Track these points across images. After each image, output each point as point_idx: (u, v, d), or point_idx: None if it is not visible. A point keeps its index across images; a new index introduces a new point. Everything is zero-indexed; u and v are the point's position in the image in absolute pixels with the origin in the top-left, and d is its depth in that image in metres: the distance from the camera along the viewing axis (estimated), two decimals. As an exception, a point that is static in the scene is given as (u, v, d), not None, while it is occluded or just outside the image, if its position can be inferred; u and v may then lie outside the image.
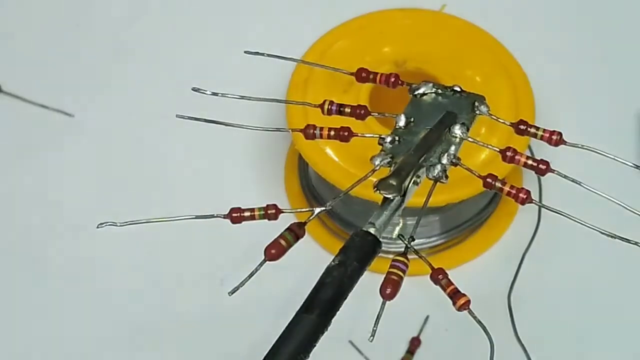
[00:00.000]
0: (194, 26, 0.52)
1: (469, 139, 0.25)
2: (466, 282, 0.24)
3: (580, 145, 0.25)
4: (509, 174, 0.36)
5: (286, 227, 0.23)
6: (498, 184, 0.24)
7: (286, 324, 0.21)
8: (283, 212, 0.24)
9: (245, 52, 0.31)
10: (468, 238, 0.43)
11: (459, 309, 0.22)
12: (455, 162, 0.25)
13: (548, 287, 0.41)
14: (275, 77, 0.39)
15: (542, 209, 0.38)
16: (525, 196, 0.24)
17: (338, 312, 0.21)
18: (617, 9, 0.51)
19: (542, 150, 0.37)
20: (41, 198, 0.44)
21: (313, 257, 0.39)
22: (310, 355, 0.20)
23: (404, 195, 0.23)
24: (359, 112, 0.27)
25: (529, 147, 0.41)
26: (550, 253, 0.42)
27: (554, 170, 0.24)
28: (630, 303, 0.41)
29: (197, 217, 0.24)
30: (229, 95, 0.27)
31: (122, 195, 0.44)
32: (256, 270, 0.23)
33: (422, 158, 0.24)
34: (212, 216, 0.24)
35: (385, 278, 0.22)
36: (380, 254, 0.22)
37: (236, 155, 0.46)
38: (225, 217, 0.24)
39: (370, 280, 0.23)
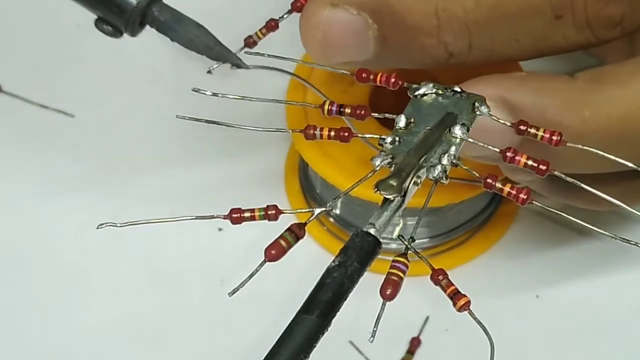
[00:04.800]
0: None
1: (470, 140, 0.25)
2: (466, 282, 0.24)
3: (580, 146, 0.25)
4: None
5: (286, 227, 0.23)
6: (498, 185, 0.24)
7: (286, 325, 0.21)
8: (283, 212, 0.24)
9: (245, 52, 0.31)
10: (468, 238, 0.43)
11: (460, 310, 0.22)
12: (456, 162, 0.25)
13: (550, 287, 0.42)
14: (275, 77, 0.39)
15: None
16: (525, 197, 0.24)
17: (338, 313, 0.21)
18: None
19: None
20: (41, 198, 0.44)
21: (313, 257, 0.39)
22: (310, 355, 0.20)
23: (404, 196, 0.23)
24: (359, 113, 0.27)
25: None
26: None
27: (554, 171, 0.24)
28: (630, 300, 0.41)
29: (197, 217, 0.24)
30: (229, 96, 0.27)
31: (123, 195, 0.44)
32: (256, 270, 0.23)
33: (423, 158, 0.24)
34: (212, 216, 0.24)
35: (385, 279, 0.22)
36: (380, 255, 0.22)
37: (236, 155, 0.45)
38: (225, 217, 0.24)
39: (370, 281, 0.23)
